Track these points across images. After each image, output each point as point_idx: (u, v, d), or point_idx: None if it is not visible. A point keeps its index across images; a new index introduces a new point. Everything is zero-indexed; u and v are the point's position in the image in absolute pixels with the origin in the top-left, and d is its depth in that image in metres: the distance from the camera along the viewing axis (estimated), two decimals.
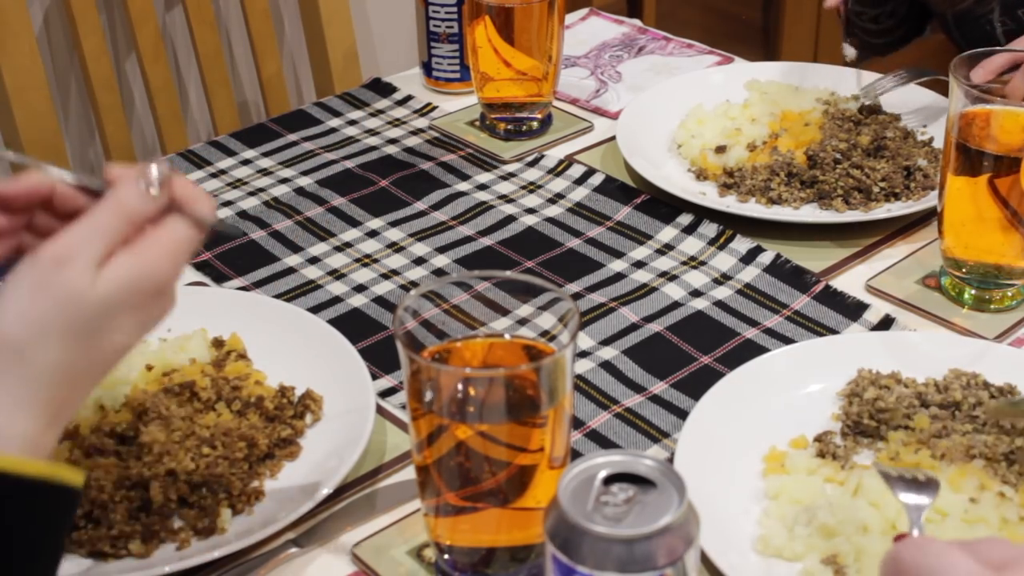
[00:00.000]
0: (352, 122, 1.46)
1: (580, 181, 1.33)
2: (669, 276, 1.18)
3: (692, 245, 1.22)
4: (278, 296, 1.15)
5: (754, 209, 1.25)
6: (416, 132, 1.44)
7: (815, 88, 1.43)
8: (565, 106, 1.48)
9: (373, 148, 1.41)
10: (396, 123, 1.46)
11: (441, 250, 1.22)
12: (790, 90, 1.42)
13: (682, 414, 0.99)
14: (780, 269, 1.18)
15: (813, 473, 0.92)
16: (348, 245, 1.23)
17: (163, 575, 0.85)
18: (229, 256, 1.22)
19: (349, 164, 1.37)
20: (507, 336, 0.89)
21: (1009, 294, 1.11)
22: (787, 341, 1.08)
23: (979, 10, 1.40)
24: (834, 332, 1.09)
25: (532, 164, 1.37)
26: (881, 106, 1.38)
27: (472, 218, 1.27)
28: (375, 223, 1.27)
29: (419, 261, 1.21)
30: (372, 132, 1.44)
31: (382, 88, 1.53)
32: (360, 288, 1.17)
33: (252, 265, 1.20)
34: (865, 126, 1.32)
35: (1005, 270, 1.10)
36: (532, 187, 1.33)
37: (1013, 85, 1.11)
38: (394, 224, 1.26)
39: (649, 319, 1.12)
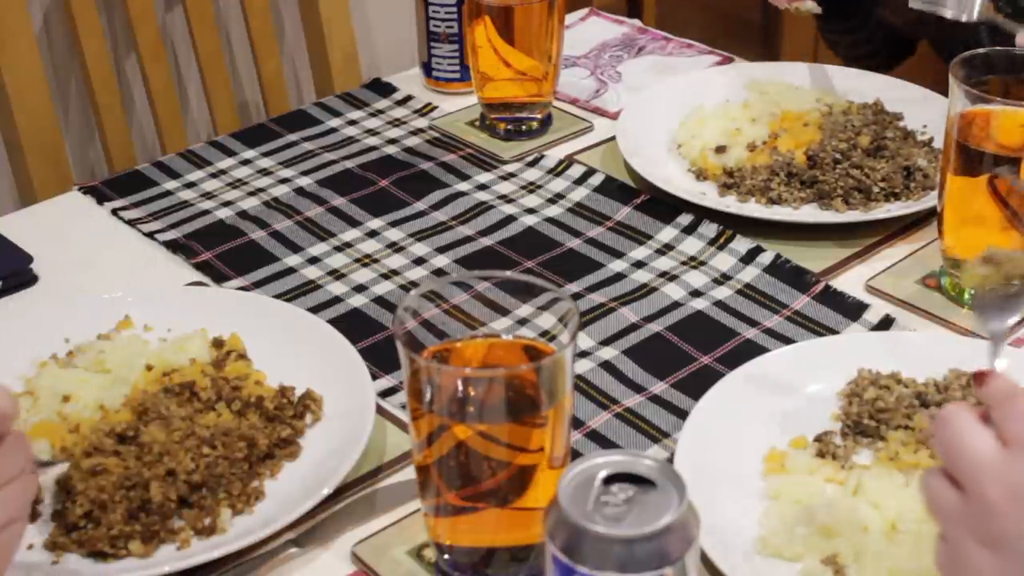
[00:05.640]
0: (352, 122, 1.46)
1: (580, 181, 1.33)
2: (669, 276, 1.18)
3: (692, 245, 1.22)
4: (278, 296, 1.15)
5: (754, 209, 1.24)
6: (416, 132, 1.44)
7: (815, 88, 1.43)
8: (565, 106, 1.48)
9: (373, 148, 1.41)
10: (396, 123, 1.46)
11: (441, 250, 1.22)
12: (790, 90, 1.42)
13: (682, 414, 0.99)
14: (780, 269, 1.18)
15: (813, 473, 0.92)
16: (348, 245, 1.23)
17: (163, 575, 0.85)
18: (229, 256, 1.22)
19: (349, 164, 1.37)
20: (507, 336, 0.89)
21: None
22: (787, 341, 1.08)
23: (961, 35, 1.39)
24: (834, 332, 1.09)
25: (532, 164, 1.37)
26: (883, 105, 1.39)
27: (472, 218, 1.27)
28: (375, 223, 1.27)
29: (419, 261, 1.21)
30: (372, 132, 1.44)
31: (382, 88, 1.53)
32: (360, 288, 1.17)
33: (252, 265, 1.20)
34: (865, 126, 1.32)
35: None
36: (532, 187, 1.33)
37: None
38: (394, 224, 1.26)
39: (649, 319, 1.12)
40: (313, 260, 1.21)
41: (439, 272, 1.19)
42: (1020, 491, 0.62)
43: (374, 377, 1.03)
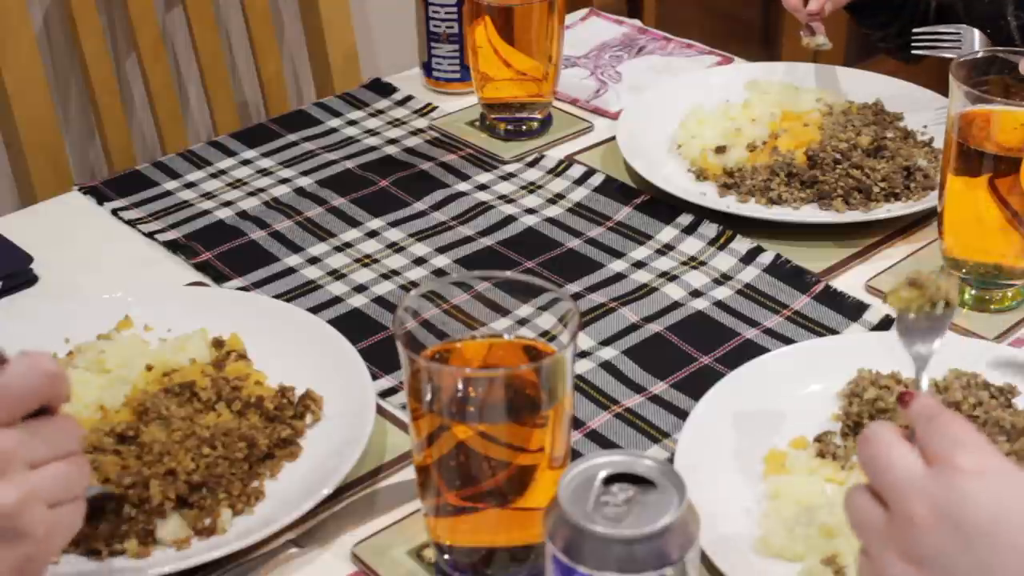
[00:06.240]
0: (352, 122, 1.46)
1: (580, 181, 1.33)
2: (669, 276, 1.17)
3: (692, 245, 1.22)
4: (278, 296, 1.15)
5: (754, 209, 1.24)
6: (416, 132, 1.44)
7: (815, 88, 1.43)
8: (565, 106, 1.48)
9: (373, 148, 1.41)
10: (396, 123, 1.46)
11: (441, 250, 1.22)
12: (790, 90, 1.42)
13: (682, 414, 0.99)
14: (780, 269, 1.18)
15: (813, 473, 0.92)
16: (348, 245, 1.23)
17: (163, 575, 0.85)
18: (229, 256, 1.22)
19: (349, 164, 1.37)
20: (507, 336, 0.89)
21: (1009, 294, 1.11)
22: (787, 341, 1.08)
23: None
24: (834, 332, 1.09)
25: (532, 164, 1.37)
26: (883, 105, 1.39)
27: (472, 218, 1.27)
28: (375, 223, 1.27)
29: (419, 261, 1.21)
30: (372, 132, 1.44)
31: (382, 88, 1.53)
32: (360, 288, 1.17)
33: (252, 265, 1.20)
34: (865, 126, 1.32)
35: (1005, 270, 1.10)
36: (532, 187, 1.33)
37: None
38: (394, 224, 1.26)
39: (649, 319, 1.12)
40: (313, 260, 1.21)
41: (439, 272, 1.19)
42: (944, 508, 0.64)
43: (374, 377, 1.03)
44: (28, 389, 0.69)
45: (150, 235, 1.25)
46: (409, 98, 1.51)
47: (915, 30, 1.38)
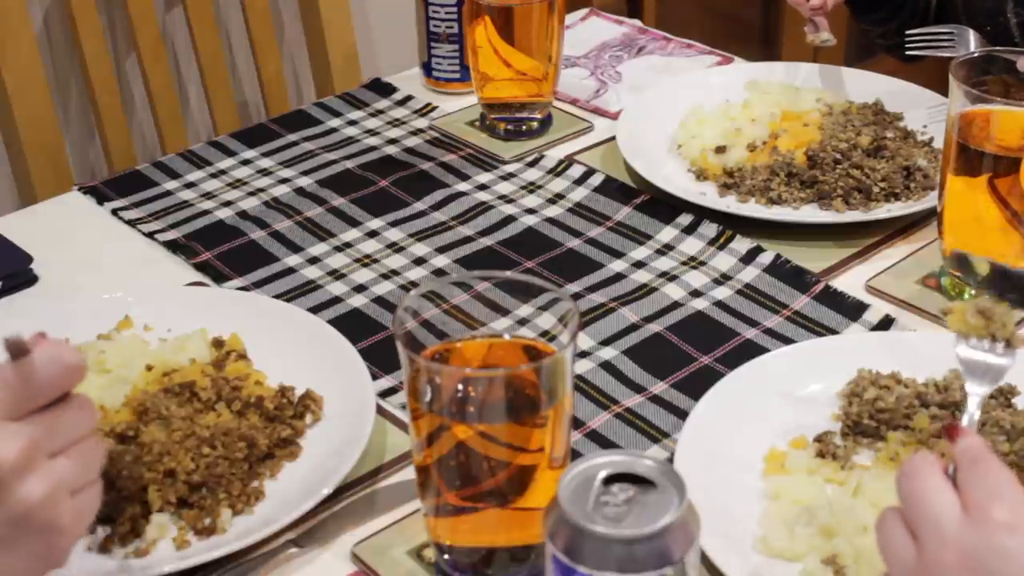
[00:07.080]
0: (352, 122, 1.46)
1: (580, 181, 1.33)
2: (669, 276, 1.17)
3: (692, 245, 1.22)
4: (278, 296, 1.15)
5: (754, 209, 1.24)
6: (416, 132, 1.44)
7: (815, 88, 1.43)
8: (565, 106, 1.48)
9: (373, 148, 1.41)
10: (396, 123, 1.46)
11: (441, 250, 1.22)
12: (790, 90, 1.42)
13: (682, 414, 0.99)
14: (780, 269, 1.18)
15: (813, 473, 0.92)
16: (348, 245, 1.23)
17: (163, 575, 0.85)
18: (229, 256, 1.22)
19: (349, 164, 1.37)
20: (507, 336, 0.89)
21: None
22: (787, 341, 1.08)
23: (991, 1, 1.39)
24: (834, 332, 1.09)
25: (532, 164, 1.37)
26: (883, 105, 1.39)
27: (472, 218, 1.27)
28: (375, 223, 1.27)
29: (419, 261, 1.21)
30: (372, 132, 1.44)
31: (382, 88, 1.53)
32: (360, 288, 1.17)
33: (252, 265, 1.20)
34: (865, 126, 1.32)
35: None
36: (532, 187, 1.33)
37: None
38: (394, 224, 1.26)
39: (649, 319, 1.12)
40: (313, 260, 1.21)
41: (439, 272, 1.19)
42: (974, 558, 0.64)
43: (374, 377, 1.03)
44: (50, 380, 0.69)
45: (150, 235, 1.25)
46: (409, 98, 1.51)
47: (908, 32, 1.38)
